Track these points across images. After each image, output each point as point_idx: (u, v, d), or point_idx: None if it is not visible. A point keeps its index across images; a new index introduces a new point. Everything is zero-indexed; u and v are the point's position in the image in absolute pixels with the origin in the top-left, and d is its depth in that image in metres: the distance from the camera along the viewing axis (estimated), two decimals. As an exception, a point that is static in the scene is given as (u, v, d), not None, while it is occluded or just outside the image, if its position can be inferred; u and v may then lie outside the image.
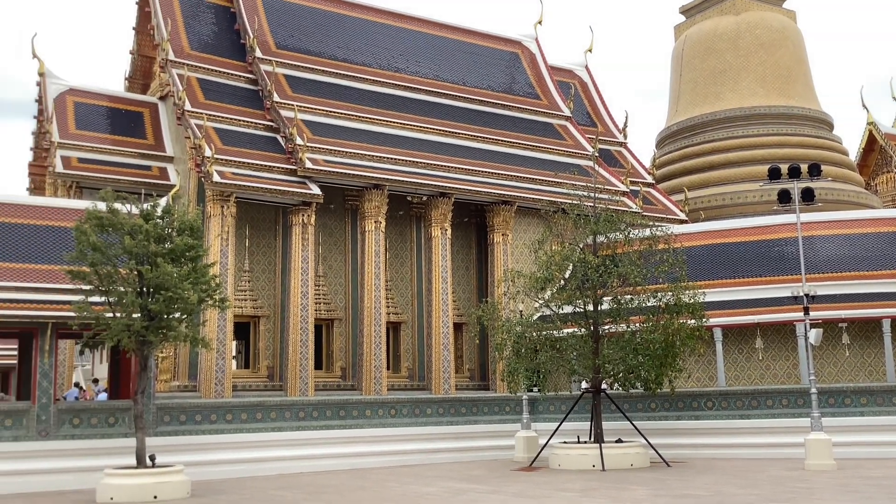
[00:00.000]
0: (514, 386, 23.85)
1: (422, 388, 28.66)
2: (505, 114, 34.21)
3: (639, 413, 25.06)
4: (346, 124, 29.33)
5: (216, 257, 24.35)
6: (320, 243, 28.22)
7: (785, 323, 25.05)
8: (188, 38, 29.29)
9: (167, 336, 18.42)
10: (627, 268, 22.27)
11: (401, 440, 25.40)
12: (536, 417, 26.66)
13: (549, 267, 22.99)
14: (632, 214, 25.53)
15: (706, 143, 40.97)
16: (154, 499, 17.27)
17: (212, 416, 22.86)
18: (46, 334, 20.41)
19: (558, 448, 22.60)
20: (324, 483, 20.04)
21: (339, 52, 31.81)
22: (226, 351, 24.68)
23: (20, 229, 21.70)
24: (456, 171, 29.67)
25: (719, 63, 42.31)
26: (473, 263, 31.55)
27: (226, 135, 26.76)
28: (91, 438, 20.85)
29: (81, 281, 18.30)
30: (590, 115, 38.95)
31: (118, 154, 28.84)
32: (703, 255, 27.92)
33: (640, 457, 22.01)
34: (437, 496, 16.75)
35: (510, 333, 23.47)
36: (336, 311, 28.28)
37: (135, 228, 18.08)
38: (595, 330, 22.75)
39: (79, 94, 29.71)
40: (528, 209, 30.68)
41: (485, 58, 35.89)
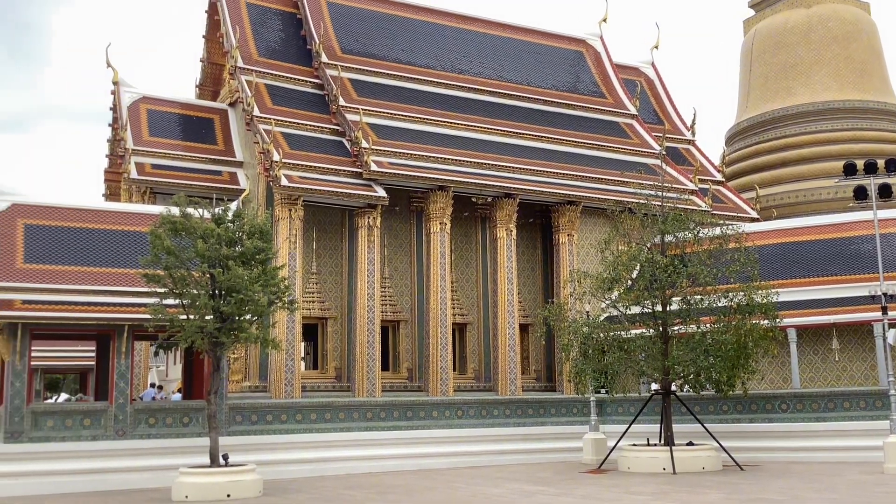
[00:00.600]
0: (582, 387, 23.64)
1: (488, 389, 28.62)
2: (570, 113, 33.95)
3: (710, 415, 24.58)
4: (411, 127, 29.49)
5: (285, 260, 24.72)
6: (386, 245, 28.42)
7: (862, 323, 24.26)
8: (256, 45, 29.82)
9: (239, 337, 18.77)
10: (697, 267, 21.88)
11: (467, 441, 25.41)
12: (604, 419, 26.38)
13: (616, 267, 22.73)
14: (701, 213, 25.07)
15: (778, 140, 40.02)
16: (227, 497, 17.60)
17: (282, 416, 23.23)
18: (123, 336, 21.01)
19: (627, 450, 22.32)
20: (391, 483, 20.16)
21: (403, 55, 32.00)
22: (295, 352, 25.04)
23: (98, 234, 22.39)
24: (521, 171, 29.56)
25: (790, 57, 41.29)
26: (539, 264, 31.38)
27: (293, 139, 27.16)
28: (166, 438, 21.38)
29: (156, 284, 18.78)
30: (657, 113, 38.40)
31: (190, 160, 29.49)
32: (775, 253, 27.25)
33: (711, 460, 21.60)
34: (505, 498, 16.70)
35: (577, 334, 23.27)
36: (402, 313, 28.45)
37: (207, 232, 18.48)
38: (664, 331, 22.41)
39: (151, 102, 30.50)
40: (593, 209, 30.39)
41: (549, 57, 35.69)
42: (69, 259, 21.50)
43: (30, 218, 21.94)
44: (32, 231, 21.69)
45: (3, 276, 20.47)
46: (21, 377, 20.15)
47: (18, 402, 20.07)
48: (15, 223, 21.63)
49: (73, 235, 22.07)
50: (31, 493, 19.40)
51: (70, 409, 21.29)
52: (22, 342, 20.17)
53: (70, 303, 20.64)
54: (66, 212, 22.56)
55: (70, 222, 22.33)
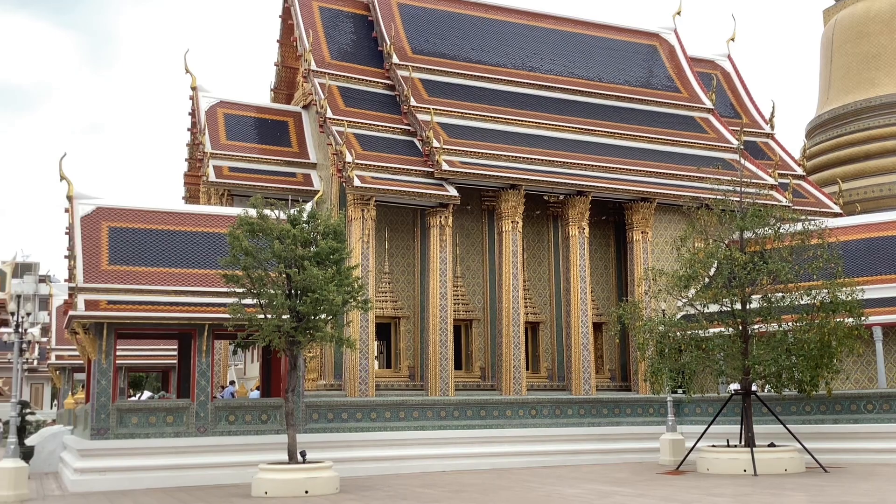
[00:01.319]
0: (658, 387, 23.24)
1: (561, 388, 28.41)
2: (643, 108, 33.45)
3: (792, 416, 23.92)
4: (482, 125, 29.46)
5: (358, 260, 24.97)
6: (458, 244, 28.46)
7: (954, 321, 23.28)
8: (329, 48, 30.21)
9: (314, 336, 19.02)
10: (778, 264, 21.28)
11: (541, 441, 25.27)
12: (682, 420, 25.91)
13: (693, 265, 22.27)
14: (781, 208, 24.32)
15: (861, 132, 38.71)
16: (305, 493, 17.85)
17: (357, 415, 23.46)
18: (204, 335, 21.52)
19: (707, 451, 21.87)
20: (466, 482, 20.16)
21: (473, 53, 32.00)
22: (368, 351, 25.27)
23: (179, 236, 22.99)
24: (593, 168, 29.26)
25: (873, 47, 39.89)
26: (612, 262, 31.01)
27: (365, 140, 27.42)
28: (245, 434, 21.82)
29: (235, 284, 19.18)
30: (733, 107, 37.53)
31: (265, 162, 30.04)
32: (860, 249, 26.34)
33: (794, 461, 21.00)
34: (581, 498, 16.53)
35: (652, 333, 22.89)
36: (474, 312, 28.45)
37: (283, 233, 18.78)
38: (744, 329, 21.88)
39: (228, 107, 31.17)
40: (668, 206, 29.88)
41: (621, 52, 35.22)
42: (152, 260, 22.13)
43: (114, 221, 22.65)
44: (116, 233, 22.39)
45: (90, 278, 21.19)
46: (107, 375, 20.82)
47: (104, 399, 20.73)
48: (100, 226, 22.35)
49: (155, 237, 22.71)
50: (117, 488, 20.01)
51: (153, 406, 21.89)
52: (107, 341, 20.84)
53: (153, 303, 21.24)
54: (148, 214, 23.22)
55: (152, 224, 22.97)
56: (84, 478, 20.20)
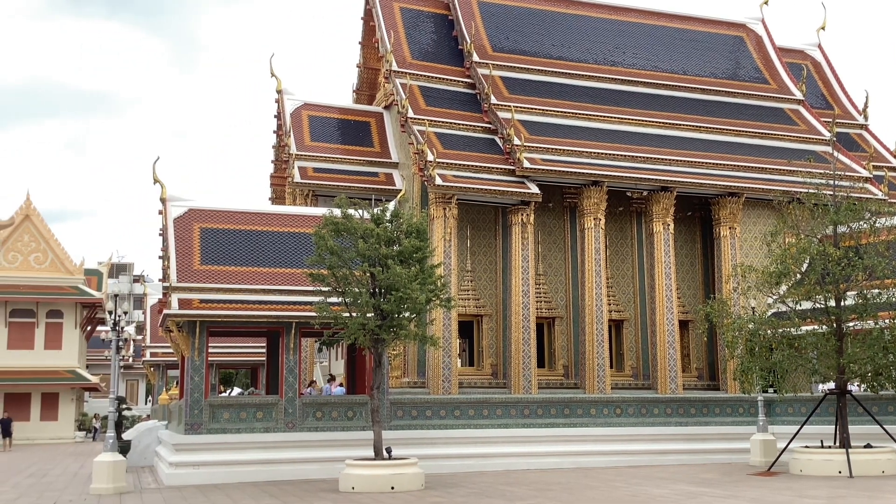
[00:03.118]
0: (748, 386, 22.67)
1: (647, 387, 27.99)
2: (730, 101, 32.65)
3: (890, 416, 23.01)
4: (563, 122, 29.24)
5: (440, 258, 25.10)
6: (539, 242, 28.33)
7: None
8: (410, 48, 30.46)
9: (398, 334, 19.22)
10: (874, 259, 20.52)
11: (626, 440, 24.95)
12: (773, 420, 25.23)
13: (785, 260, 21.65)
14: (877, 202, 23.47)
15: (963, 120, 36.90)
16: (391, 490, 18.06)
17: (441, 412, 23.61)
18: (291, 333, 22.00)
19: (799, 452, 21.24)
20: (550, 480, 20.07)
21: (553, 50, 31.79)
22: (451, 349, 25.38)
23: (266, 236, 23.55)
24: (678, 163, 28.71)
25: (976, 30, 37.97)
26: (698, 258, 30.38)
27: (446, 139, 27.54)
28: (332, 430, 22.21)
29: (321, 283, 19.53)
30: (825, 98, 36.30)
31: (348, 162, 30.49)
32: (962, 243, 25.14)
33: (892, 463, 20.22)
34: (668, 498, 16.27)
35: (742, 331, 22.34)
36: (557, 310, 28.27)
37: (367, 232, 19.04)
38: (838, 327, 21.16)
39: (312, 109, 31.76)
40: (757, 200, 29.11)
41: (706, 44, 34.46)
42: (241, 260, 22.73)
43: (204, 222, 23.34)
44: (207, 234, 23.07)
45: (183, 277, 21.89)
46: (200, 372, 21.47)
47: (198, 395, 21.39)
48: (192, 227, 23.07)
49: (244, 237, 23.31)
50: (209, 481, 20.63)
51: (244, 402, 22.47)
52: (200, 339, 21.49)
53: (242, 301, 21.82)
54: (237, 215, 23.85)
55: (241, 225, 23.60)
56: (179, 471, 20.89)
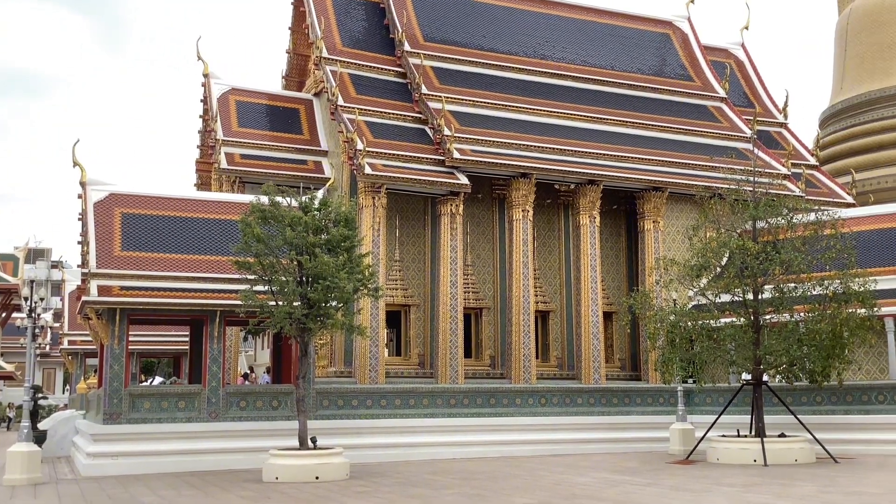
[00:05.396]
0: (669, 377, 23.24)
1: (571, 377, 28.43)
2: (655, 97, 33.30)
3: (803, 407, 23.87)
4: (493, 114, 29.39)
5: (369, 247, 25.00)
6: (468, 233, 28.46)
7: (967, 313, 23.16)
8: (340, 35, 30.16)
9: (325, 323, 19.08)
10: (791, 254, 21.20)
11: (551, 429, 25.31)
12: (692, 409, 25.88)
13: (705, 254, 22.21)
14: (794, 198, 24.22)
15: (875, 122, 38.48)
16: (316, 479, 17.94)
17: (367, 402, 23.54)
18: (215, 321, 21.62)
19: (717, 441, 21.86)
20: (475, 469, 20.23)
21: (485, 41, 31.90)
22: (379, 338, 25.33)
23: (190, 223, 23.07)
24: (605, 157, 29.17)
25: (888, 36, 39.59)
26: (623, 251, 30.96)
27: (376, 128, 27.40)
28: (256, 420, 21.94)
29: (247, 271, 19.24)
30: (747, 96, 37.33)
31: (277, 149, 30.07)
32: (873, 240, 26.20)
33: (804, 452, 20.97)
34: (590, 486, 16.57)
35: (663, 323, 22.86)
36: (484, 300, 28.46)
37: (294, 220, 18.81)
38: (756, 319, 21.82)
39: (240, 94, 31.20)
40: (680, 195, 29.79)
41: (634, 40, 35.04)
42: (164, 247, 22.22)
43: (126, 207, 22.74)
44: (129, 220, 22.48)
45: (103, 264, 21.29)
46: (119, 360, 20.95)
47: (117, 384, 20.86)
48: (112, 212, 22.44)
49: (167, 224, 22.79)
50: (129, 472, 20.16)
51: (166, 391, 22.03)
52: (120, 327, 20.96)
53: (165, 289, 21.34)
54: (160, 201, 23.30)
55: (164, 211, 23.06)
56: (96, 462, 20.36)
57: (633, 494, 15.20)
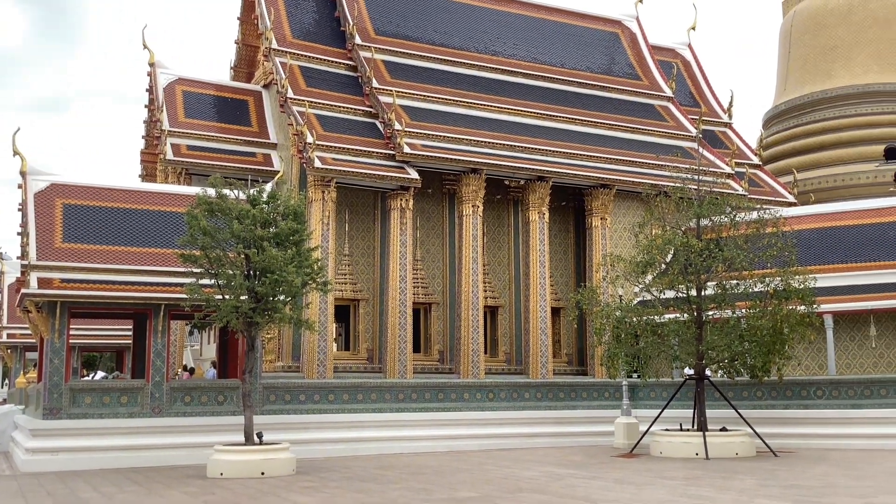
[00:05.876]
0: (614, 371, 23.54)
1: (519, 372, 28.63)
2: (604, 95, 33.66)
3: (744, 401, 24.38)
4: (444, 109, 29.41)
5: (318, 241, 24.84)
6: (418, 227, 28.45)
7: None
8: (290, 27, 29.88)
9: (273, 317, 18.92)
10: (733, 252, 21.62)
11: (498, 424, 25.46)
12: (637, 404, 26.27)
13: (651, 251, 22.53)
14: (737, 197, 24.73)
15: (816, 123, 39.41)
16: (261, 475, 17.79)
17: (315, 397, 23.42)
18: (160, 315, 21.28)
19: (660, 435, 22.22)
20: (423, 464, 20.27)
21: (436, 36, 31.89)
22: (327, 333, 25.21)
23: (135, 214, 22.65)
24: (554, 154, 29.40)
25: (830, 39, 40.55)
26: (571, 247, 31.25)
27: (326, 121, 27.22)
28: (201, 416, 21.67)
29: (192, 264, 18.98)
30: (693, 96, 37.94)
31: (225, 141, 29.72)
32: (813, 238, 26.88)
33: (745, 446, 21.43)
34: (536, 480, 16.72)
35: (609, 318, 23.15)
36: (434, 295, 28.50)
37: (242, 213, 18.60)
38: (699, 315, 22.21)
39: (187, 84, 30.73)
40: (627, 192, 30.17)
41: (584, 39, 35.37)
42: (107, 239, 21.79)
43: (68, 198, 22.24)
44: (71, 211, 22.00)
45: (43, 255, 20.81)
46: (60, 354, 20.51)
47: (57, 378, 20.43)
48: (53, 203, 21.94)
49: (110, 215, 22.35)
50: (69, 468, 19.77)
51: (108, 386, 21.64)
52: (60, 320, 20.51)
53: (108, 282, 20.93)
54: (103, 192, 22.84)
55: (107, 202, 22.61)
56: (36, 458, 19.92)
57: (577, 488, 15.37)
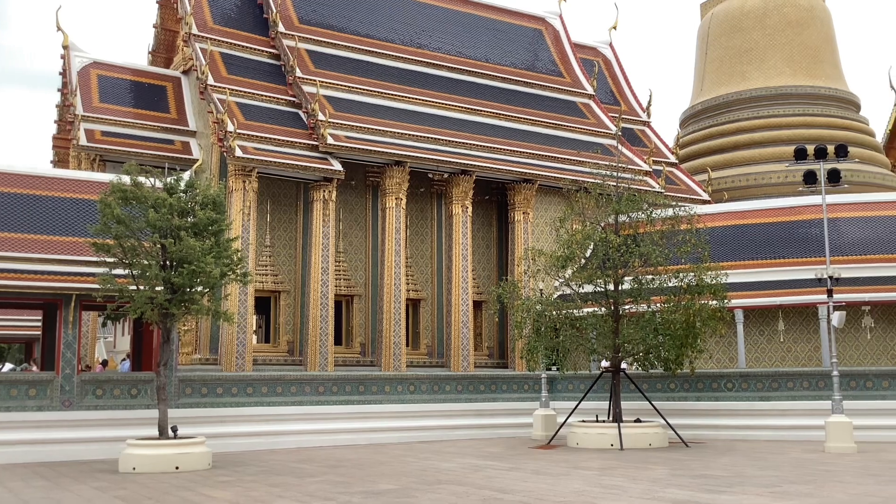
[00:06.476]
0: (534, 364, 23.86)
1: (441, 365, 28.75)
2: (528, 91, 34.00)
3: (658, 393, 25.02)
4: (369, 100, 29.26)
5: (238, 232, 24.45)
6: (341, 219, 28.27)
7: (807, 305, 24.87)
8: (211, 12, 29.26)
9: (190, 309, 18.53)
10: (649, 248, 22.13)
11: (419, 416, 25.52)
12: (555, 396, 26.69)
13: (571, 246, 22.90)
14: (654, 194, 25.38)
15: (731, 123, 40.56)
16: (176, 469, 17.45)
17: (233, 390, 23.06)
18: (70, 306, 20.62)
19: (577, 426, 22.63)
20: (342, 457, 20.19)
21: (361, 27, 31.68)
22: (247, 325, 24.85)
23: (45, 201, 21.88)
24: (478, 148, 29.56)
25: (745, 42, 41.78)
26: (494, 241, 31.50)
27: (248, 110, 26.78)
28: (114, 409, 21.11)
29: (105, 253, 18.43)
30: (613, 94, 38.64)
31: (141, 128, 28.96)
32: (726, 235, 27.72)
33: (658, 437, 22.00)
34: (455, 472, 16.83)
35: (530, 312, 23.44)
36: (356, 288, 28.37)
37: (158, 202, 18.14)
38: (615, 309, 22.68)
39: (102, 68, 29.82)
40: (549, 188, 30.56)
41: (508, 34, 35.63)
42: (15, 226, 20.99)
43: (-26, 183, 21.34)
44: (-24, 197, 21.11)
45: (-54, 243, 19.92)
46: (-37, 346, 19.68)
47: (-40, 371, 19.61)
48: (-42, 189, 21.02)
49: (20, 202, 21.54)
50: (-26, 464, 19.02)
51: (15, 378, 20.86)
52: (-35, 310, 19.69)
53: (16, 271, 20.15)
54: (12, 178, 21.99)
55: (16, 188, 21.77)
56: (-64, 454, 19.10)
57: (495, 479, 15.54)
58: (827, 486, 14.29)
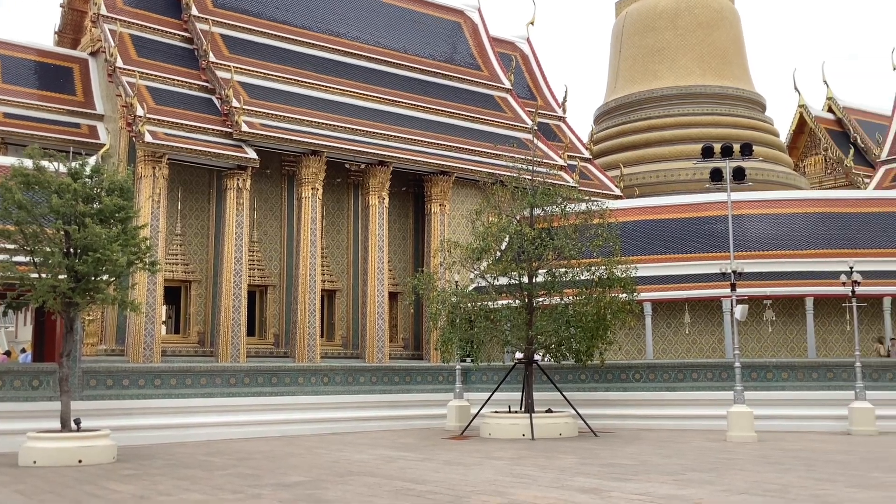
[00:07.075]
0: (448, 356, 23.99)
1: (356, 356, 28.63)
2: (446, 84, 34.08)
3: (569, 384, 25.45)
4: (285, 88, 28.85)
5: (147, 220, 23.83)
6: (255, 209, 27.83)
7: (712, 299, 25.68)
8: (121, -7, 28.35)
9: (94, 298, 17.96)
10: (563, 241, 22.46)
11: (333, 408, 25.35)
12: (469, 387, 26.88)
13: (486, 238, 23.06)
14: (568, 188, 25.81)
15: (643, 121, 41.53)
16: (79, 463, 16.91)
17: (140, 381, 22.46)
18: (-33, 294, 19.74)
19: (489, 417, 22.85)
20: (253, 449, 19.91)
21: (277, 13, 31.20)
22: (155, 315, 24.25)
23: (-61, 185, 20.83)
24: (395, 139, 29.50)
25: (658, 41, 42.81)
26: (410, 233, 31.52)
27: (159, 94, 26.08)
28: (13, 401, 20.31)
29: (6, 240, 17.72)
30: (530, 89, 39.08)
31: (46, 110, 27.90)
32: (636, 230, 28.38)
33: (568, 426, 22.39)
34: (367, 463, 16.80)
35: (445, 304, 23.53)
36: (270, 278, 28.00)
37: (62, 187, 17.51)
38: (529, 302, 22.96)
39: (5, 47, 28.60)
40: (466, 180, 30.73)
41: (427, 26, 35.63)
42: None
43: None
44: None
45: None
46: None
47: None
48: None
49: (-90, 185, 20.44)
50: None
51: None
52: None
53: None
54: None
55: None
56: None
57: (408, 470, 15.58)
58: (728, 473, 14.80)
